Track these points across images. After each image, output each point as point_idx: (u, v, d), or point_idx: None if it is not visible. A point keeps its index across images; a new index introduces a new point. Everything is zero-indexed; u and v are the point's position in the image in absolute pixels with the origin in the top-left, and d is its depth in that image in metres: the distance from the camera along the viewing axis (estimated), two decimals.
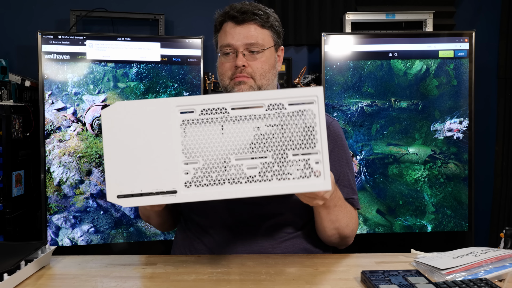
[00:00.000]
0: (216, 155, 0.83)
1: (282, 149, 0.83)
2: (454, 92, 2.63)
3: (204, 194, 0.82)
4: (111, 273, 0.98)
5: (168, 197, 0.82)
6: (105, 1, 2.80)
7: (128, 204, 0.83)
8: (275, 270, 0.99)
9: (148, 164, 0.83)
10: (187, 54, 2.57)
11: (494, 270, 0.92)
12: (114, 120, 0.85)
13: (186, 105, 0.84)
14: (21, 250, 0.99)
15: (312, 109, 0.84)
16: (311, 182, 0.82)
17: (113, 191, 0.83)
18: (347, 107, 2.60)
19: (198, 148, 0.83)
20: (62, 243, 2.45)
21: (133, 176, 0.83)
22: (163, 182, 0.83)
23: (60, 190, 2.44)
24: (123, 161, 0.84)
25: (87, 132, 2.46)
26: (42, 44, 2.41)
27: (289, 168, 0.83)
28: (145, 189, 0.83)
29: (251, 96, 0.85)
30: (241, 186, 0.82)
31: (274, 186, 0.82)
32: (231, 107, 0.84)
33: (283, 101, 0.84)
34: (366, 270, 0.92)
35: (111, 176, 0.84)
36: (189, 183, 0.83)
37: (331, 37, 2.61)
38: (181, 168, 0.83)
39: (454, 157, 2.64)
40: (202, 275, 0.96)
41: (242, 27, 1.18)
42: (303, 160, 0.83)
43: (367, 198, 2.62)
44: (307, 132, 0.83)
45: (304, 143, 0.83)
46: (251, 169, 0.83)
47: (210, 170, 0.83)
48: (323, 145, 0.83)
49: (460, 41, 2.63)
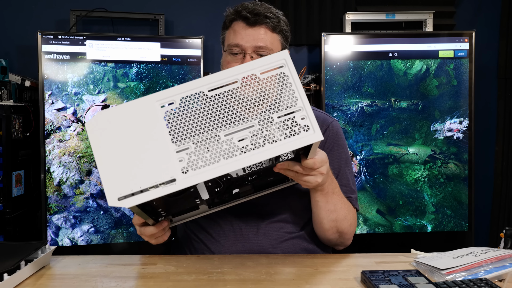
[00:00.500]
0: (205, 136, 0.85)
1: (266, 114, 0.85)
2: (454, 92, 2.63)
3: (202, 175, 0.83)
4: (111, 273, 0.98)
5: (169, 186, 0.83)
6: (105, 1, 2.80)
7: (130, 203, 0.84)
8: (275, 270, 0.98)
9: (141, 162, 0.85)
10: (187, 54, 2.57)
11: (494, 270, 0.92)
12: (99, 130, 0.87)
13: (165, 98, 0.87)
14: (21, 250, 0.99)
15: (284, 72, 0.87)
16: (302, 137, 0.84)
17: (113, 195, 0.84)
18: (347, 107, 2.60)
19: (186, 134, 0.85)
20: (62, 243, 2.45)
21: (129, 177, 0.84)
22: (160, 174, 0.84)
23: (60, 190, 2.44)
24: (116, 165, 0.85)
25: (87, 132, 2.46)
26: (42, 44, 2.41)
27: (277, 130, 0.85)
28: (144, 185, 0.84)
29: (224, 74, 0.88)
30: (236, 158, 0.84)
31: (268, 149, 0.84)
32: (207, 89, 0.87)
33: (255, 71, 0.87)
34: (366, 270, 0.92)
35: (107, 182, 0.85)
36: (186, 169, 0.84)
37: (331, 37, 2.61)
38: (174, 157, 0.84)
39: (454, 157, 2.64)
40: (202, 275, 0.96)
41: (253, 29, 1.18)
42: (289, 119, 0.85)
43: (367, 198, 2.62)
44: (285, 93, 0.86)
45: (285, 103, 0.86)
46: (242, 140, 0.85)
47: (203, 151, 0.85)
48: (303, 101, 0.85)
49: (460, 41, 2.63)
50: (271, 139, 0.84)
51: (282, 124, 0.85)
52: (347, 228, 1.15)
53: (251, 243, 1.16)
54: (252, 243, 1.16)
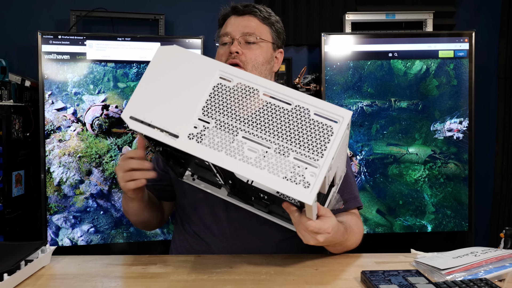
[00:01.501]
0: (228, 124, 0.87)
1: (287, 147, 0.85)
2: (454, 92, 2.63)
3: (199, 150, 0.85)
4: (111, 273, 0.98)
5: (169, 138, 0.87)
6: (105, 1, 2.80)
7: (134, 127, 0.89)
8: (275, 270, 0.98)
9: (169, 103, 0.89)
10: None
11: (494, 270, 0.92)
12: (165, 57, 0.93)
13: (228, 72, 0.91)
14: (21, 250, 0.99)
15: (333, 127, 0.85)
16: (296, 188, 0.82)
17: (130, 111, 0.90)
18: (347, 107, 2.60)
19: (216, 112, 0.88)
20: (62, 243, 2.45)
21: (151, 107, 0.89)
22: (172, 124, 0.88)
23: (60, 190, 2.44)
24: (151, 92, 0.91)
25: (87, 132, 2.46)
26: (42, 44, 2.41)
27: (284, 167, 0.84)
28: (154, 122, 0.88)
29: (285, 91, 0.88)
30: (234, 161, 0.84)
31: (262, 175, 0.83)
32: (263, 92, 0.88)
33: (311, 109, 0.86)
34: (366, 270, 0.92)
35: (135, 99, 0.91)
36: (192, 136, 0.86)
37: (331, 37, 2.61)
38: (193, 121, 0.87)
39: (454, 157, 2.64)
40: (202, 275, 0.96)
41: (243, 18, 1.23)
42: (300, 167, 0.83)
43: (367, 198, 2.62)
44: (318, 144, 0.84)
45: (310, 151, 0.84)
46: (251, 151, 0.85)
47: (216, 134, 0.86)
48: (325, 162, 0.83)
49: (460, 41, 2.63)
50: (272, 168, 0.84)
51: (292, 165, 0.83)
52: (355, 246, 1.14)
53: (251, 243, 1.16)
54: (252, 243, 1.16)
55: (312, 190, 0.81)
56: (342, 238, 1.04)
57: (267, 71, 1.24)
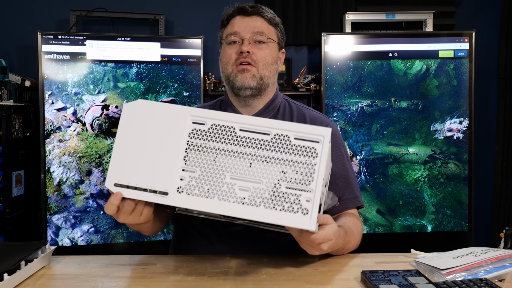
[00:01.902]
0: (213, 170, 0.86)
1: (277, 179, 0.85)
2: (454, 92, 2.63)
3: (192, 202, 0.85)
4: (111, 273, 0.97)
5: (159, 197, 0.86)
6: (105, 1, 2.81)
7: (122, 194, 0.88)
8: (275, 270, 0.98)
9: (150, 162, 0.88)
10: (187, 54, 2.57)
11: (494, 270, 0.92)
12: (132, 114, 0.91)
13: (200, 116, 0.89)
14: (21, 250, 0.99)
15: (316, 148, 0.85)
16: (297, 218, 0.83)
17: (112, 178, 0.89)
18: (347, 107, 2.60)
19: (198, 159, 0.87)
20: (62, 243, 2.45)
21: (133, 170, 0.88)
22: (158, 182, 0.87)
23: (60, 190, 2.44)
24: (128, 154, 0.89)
25: (87, 132, 2.47)
26: (42, 44, 2.41)
27: (279, 199, 0.84)
28: (140, 184, 0.87)
29: (261, 122, 0.88)
30: (228, 204, 0.84)
31: (260, 213, 0.84)
32: (239, 128, 0.88)
33: (290, 134, 0.86)
34: (366, 270, 0.92)
35: (114, 164, 0.89)
36: (181, 189, 0.86)
37: (331, 37, 2.61)
38: (178, 173, 0.87)
39: (454, 157, 2.64)
40: (202, 275, 0.96)
41: (251, 18, 1.24)
42: (295, 195, 0.84)
43: (367, 198, 2.62)
44: (306, 169, 0.85)
45: (300, 178, 0.84)
46: (243, 190, 0.85)
47: (204, 181, 0.86)
48: (317, 185, 0.84)
49: (460, 41, 2.63)
50: (268, 204, 0.84)
51: (286, 196, 0.84)
52: (355, 247, 1.14)
53: (251, 243, 1.16)
54: (252, 243, 1.16)
55: (312, 216, 0.82)
56: (344, 242, 1.05)
57: (274, 71, 1.26)
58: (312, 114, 1.30)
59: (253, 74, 1.20)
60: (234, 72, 1.21)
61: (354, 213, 1.23)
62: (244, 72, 1.19)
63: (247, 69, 1.19)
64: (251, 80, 1.20)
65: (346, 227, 1.08)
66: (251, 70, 1.20)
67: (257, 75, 1.20)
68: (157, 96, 2.54)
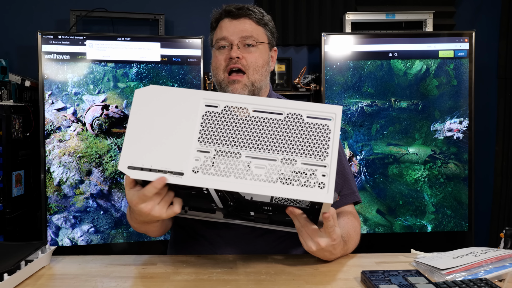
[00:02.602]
0: (228, 148, 0.87)
1: (292, 155, 0.86)
2: (454, 92, 2.63)
3: (208, 181, 0.85)
4: (111, 273, 0.98)
5: (174, 177, 0.86)
6: (105, 1, 2.81)
7: (136, 176, 0.87)
8: (275, 270, 0.98)
9: (164, 143, 0.88)
10: (187, 54, 2.57)
11: (494, 270, 0.92)
12: (144, 99, 0.91)
13: (212, 99, 0.90)
14: (21, 250, 0.99)
15: (328, 125, 0.87)
16: (313, 192, 0.84)
17: (126, 161, 0.88)
18: (347, 107, 2.60)
19: (213, 139, 0.87)
20: (62, 243, 2.45)
21: (147, 152, 0.88)
22: (173, 163, 0.87)
23: (60, 190, 2.44)
24: (142, 137, 0.89)
25: (87, 132, 2.46)
26: (42, 44, 2.41)
27: (295, 175, 0.85)
28: (154, 165, 0.87)
29: (274, 102, 0.89)
30: (245, 182, 0.85)
31: (277, 188, 0.84)
32: (253, 109, 0.88)
33: (303, 113, 0.88)
34: (366, 270, 0.92)
35: (127, 147, 0.89)
36: (197, 169, 0.86)
37: (331, 37, 2.61)
38: (193, 154, 0.87)
39: (454, 157, 2.64)
40: (202, 275, 0.96)
41: (238, 21, 1.22)
42: (310, 170, 0.85)
43: (367, 198, 2.61)
44: (320, 144, 0.86)
45: (315, 154, 0.86)
46: (259, 168, 0.85)
47: (219, 161, 0.86)
48: (332, 160, 0.85)
49: (460, 41, 2.63)
50: (284, 179, 0.84)
51: (302, 171, 0.85)
52: (353, 249, 1.14)
53: (251, 243, 1.16)
54: (252, 243, 1.16)
55: (329, 189, 0.83)
56: (342, 252, 1.05)
57: (266, 73, 1.25)
58: None
59: (244, 84, 1.18)
60: (225, 81, 1.20)
61: (352, 211, 1.23)
62: (234, 83, 1.18)
63: (237, 80, 1.18)
64: (242, 91, 1.19)
65: (345, 234, 1.07)
66: (241, 80, 1.18)
67: (248, 83, 1.19)
68: None
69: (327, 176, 0.84)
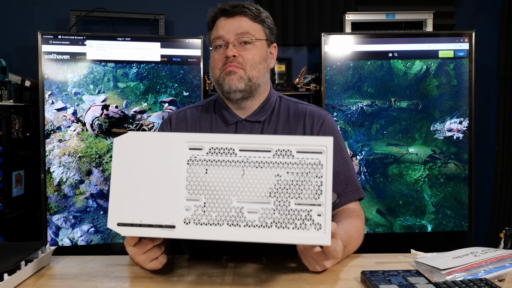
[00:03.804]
0: (218, 195, 0.84)
1: (285, 196, 0.82)
2: (454, 92, 2.63)
3: (201, 233, 0.83)
4: (111, 273, 0.98)
5: (166, 231, 0.83)
6: (105, 1, 2.81)
7: (126, 233, 0.84)
8: (275, 270, 0.98)
9: (151, 195, 0.85)
10: (187, 54, 2.57)
11: (494, 270, 0.92)
12: (125, 148, 0.87)
13: (196, 141, 0.86)
14: (21, 250, 0.99)
15: (320, 159, 0.83)
16: (310, 234, 0.81)
17: (114, 218, 0.85)
18: (347, 107, 2.60)
19: (201, 186, 0.84)
20: (62, 243, 2.45)
21: (135, 206, 0.84)
22: (163, 215, 0.83)
23: (60, 190, 2.44)
24: (127, 190, 0.85)
25: (87, 132, 2.47)
26: (42, 44, 2.41)
27: (289, 217, 0.82)
28: (145, 220, 0.84)
29: (260, 139, 0.85)
30: (239, 230, 0.82)
31: (273, 234, 0.82)
32: (239, 149, 0.85)
33: (292, 148, 0.84)
34: (366, 270, 0.92)
35: (114, 203, 0.85)
36: (189, 220, 0.83)
37: (331, 37, 2.61)
38: (182, 204, 0.84)
39: (454, 157, 2.64)
40: (202, 275, 0.96)
41: (233, 19, 1.21)
42: (305, 211, 0.82)
43: (367, 198, 2.62)
44: (313, 182, 0.82)
45: (308, 193, 0.82)
46: (252, 213, 0.83)
47: (210, 209, 0.83)
48: (327, 197, 0.82)
49: (460, 41, 2.63)
50: (279, 223, 0.82)
51: (297, 213, 0.82)
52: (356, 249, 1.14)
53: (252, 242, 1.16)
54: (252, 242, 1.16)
55: (326, 230, 0.81)
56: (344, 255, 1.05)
57: (265, 70, 1.24)
58: (309, 108, 1.29)
59: (240, 76, 1.18)
60: (222, 75, 1.20)
61: (356, 208, 1.22)
62: (230, 74, 1.18)
63: (233, 71, 1.18)
64: (238, 82, 1.18)
65: (346, 237, 1.06)
66: (237, 72, 1.18)
67: (244, 76, 1.18)
68: (157, 96, 2.54)
69: (323, 215, 0.81)
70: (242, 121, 1.25)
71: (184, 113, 1.32)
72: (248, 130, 1.25)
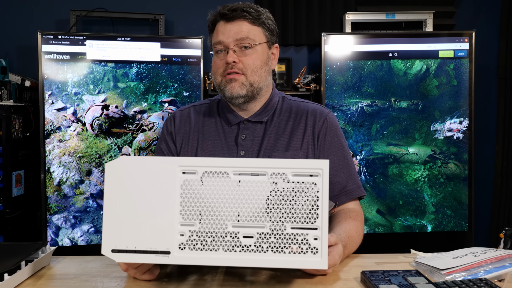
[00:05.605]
0: (213, 220, 0.83)
1: (281, 220, 0.82)
2: (454, 92, 2.63)
3: (197, 258, 0.82)
4: (111, 273, 0.98)
5: (161, 257, 0.83)
6: (105, 1, 2.81)
7: (121, 259, 0.84)
8: (275, 270, 0.99)
9: (145, 221, 0.84)
10: (187, 54, 2.57)
11: (494, 270, 0.92)
12: (117, 173, 0.86)
13: (189, 165, 0.85)
14: (21, 250, 0.99)
15: (316, 182, 0.82)
16: (307, 258, 0.80)
17: (108, 244, 0.84)
18: (347, 107, 2.60)
19: (196, 211, 0.83)
20: (62, 243, 2.45)
21: (129, 232, 0.84)
22: (157, 241, 0.83)
23: (60, 190, 2.44)
24: (121, 216, 0.85)
25: (87, 132, 2.47)
26: (42, 44, 2.41)
27: (286, 242, 0.81)
28: (139, 246, 0.83)
29: (255, 163, 0.84)
30: (235, 255, 0.82)
31: (269, 258, 0.81)
32: (233, 173, 0.84)
33: (287, 171, 0.83)
34: (366, 270, 0.92)
35: (107, 229, 0.84)
36: (183, 246, 0.83)
37: (331, 37, 2.61)
38: (177, 229, 0.83)
39: (454, 157, 2.64)
40: (203, 275, 0.96)
41: (233, 24, 1.20)
42: (302, 235, 0.81)
43: (367, 198, 2.61)
44: (309, 206, 0.82)
45: (304, 217, 0.82)
46: (247, 238, 0.82)
47: (205, 234, 0.83)
48: (323, 220, 0.81)
49: (460, 41, 2.63)
50: (275, 248, 0.81)
51: (293, 237, 0.81)
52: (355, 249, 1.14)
53: None
54: None
55: (323, 254, 0.80)
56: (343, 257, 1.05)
57: (266, 73, 1.23)
58: (311, 106, 1.30)
59: (242, 83, 1.18)
60: (223, 82, 1.20)
61: (355, 207, 1.22)
62: (232, 82, 1.18)
63: (234, 79, 1.18)
64: (239, 89, 1.18)
65: (345, 238, 1.06)
66: (238, 79, 1.18)
67: (246, 82, 1.18)
68: (157, 96, 2.54)
69: (319, 239, 0.80)
70: (245, 122, 1.26)
71: (188, 111, 1.33)
72: (251, 130, 1.25)
